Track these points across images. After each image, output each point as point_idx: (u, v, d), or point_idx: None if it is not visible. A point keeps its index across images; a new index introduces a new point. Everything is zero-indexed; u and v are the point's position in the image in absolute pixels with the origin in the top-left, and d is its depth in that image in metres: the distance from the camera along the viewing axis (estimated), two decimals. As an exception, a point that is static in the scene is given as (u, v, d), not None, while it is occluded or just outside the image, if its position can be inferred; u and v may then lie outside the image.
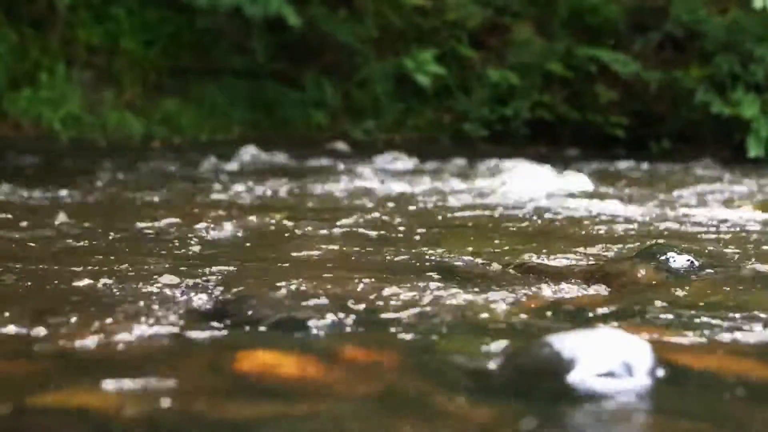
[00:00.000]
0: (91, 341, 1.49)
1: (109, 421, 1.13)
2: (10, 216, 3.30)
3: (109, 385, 1.25)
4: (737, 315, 1.71)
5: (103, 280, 1.97)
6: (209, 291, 1.83)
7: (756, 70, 8.45)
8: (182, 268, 2.15)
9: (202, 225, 2.99)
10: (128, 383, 1.27)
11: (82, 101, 8.23)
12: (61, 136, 7.85)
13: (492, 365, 1.34)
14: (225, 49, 9.35)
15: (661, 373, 1.29)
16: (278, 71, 9.34)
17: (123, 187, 4.59)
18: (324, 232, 2.95)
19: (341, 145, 8.40)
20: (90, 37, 8.62)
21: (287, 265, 2.29)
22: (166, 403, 1.19)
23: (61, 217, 3.19)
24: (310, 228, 3.05)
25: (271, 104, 9.41)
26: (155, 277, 2.00)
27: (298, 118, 9.46)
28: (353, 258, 2.42)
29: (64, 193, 4.21)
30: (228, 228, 2.98)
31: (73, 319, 1.61)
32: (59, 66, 8.29)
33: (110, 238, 2.75)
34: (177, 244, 2.62)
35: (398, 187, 4.83)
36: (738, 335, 1.58)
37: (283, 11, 8.17)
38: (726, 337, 1.57)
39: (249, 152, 7.02)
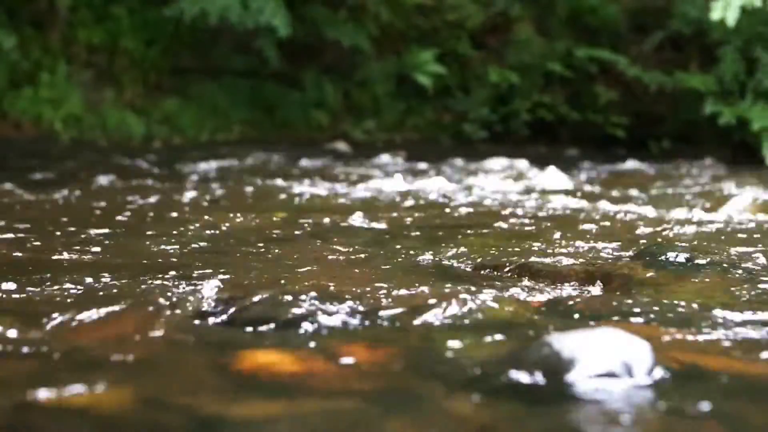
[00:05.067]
0: (91, 340, 1.49)
1: (109, 420, 1.13)
2: (12, 215, 3.30)
3: (109, 384, 1.25)
4: (737, 314, 1.71)
5: (103, 280, 1.97)
6: (209, 291, 1.83)
7: (763, 78, 8.40)
8: (182, 268, 2.15)
9: (201, 225, 2.99)
10: (129, 382, 1.27)
11: (82, 101, 8.23)
12: (61, 136, 7.86)
13: (492, 365, 1.34)
14: (225, 49, 9.35)
15: (660, 372, 1.29)
16: (278, 71, 9.34)
17: (122, 187, 4.59)
18: (323, 232, 2.95)
19: (341, 145, 8.40)
20: (90, 37, 8.63)
21: (287, 264, 2.29)
22: (166, 402, 1.19)
23: (61, 217, 3.19)
24: (309, 228, 3.05)
25: (271, 104, 9.41)
26: (155, 276, 2.01)
27: (298, 118, 9.46)
28: (353, 258, 2.42)
29: (63, 192, 4.21)
30: (227, 227, 2.98)
31: (74, 319, 1.61)
32: (60, 66, 8.29)
33: (110, 238, 2.76)
34: (177, 243, 2.62)
35: (398, 187, 4.83)
36: (738, 335, 1.59)
37: (274, 22, 8.11)
38: (726, 336, 1.58)
39: (249, 152, 7.02)
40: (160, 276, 2.01)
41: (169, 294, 1.82)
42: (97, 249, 2.52)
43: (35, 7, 8.42)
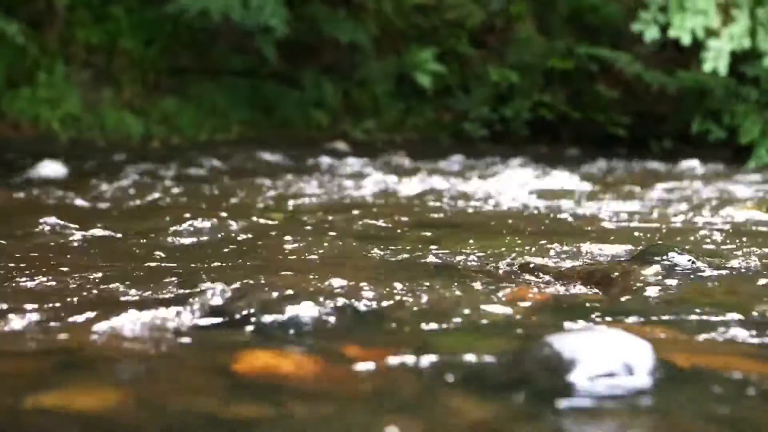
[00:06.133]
0: (90, 341, 1.48)
1: (108, 420, 1.12)
2: (9, 216, 3.30)
3: (108, 384, 1.25)
4: (737, 315, 1.71)
5: (102, 280, 1.97)
6: (208, 291, 1.82)
7: (750, 91, 8.44)
8: (182, 268, 2.15)
9: (201, 225, 2.99)
10: (128, 383, 1.27)
11: (80, 101, 8.23)
12: (59, 136, 7.86)
13: (492, 365, 1.34)
14: (224, 49, 9.35)
15: (661, 373, 1.28)
16: (277, 71, 9.34)
17: (121, 188, 4.59)
18: (323, 231, 2.95)
19: (341, 145, 8.41)
20: (89, 37, 8.63)
21: (287, 264, 2.29)
22: (165, 402, 1.18)
23: (61, 217, 3.19)
24: (309, 228, 3.05)
25: (270, 104, 9.41)
26: (155, 276, 2.00)
27: (298, 118, 9.46)
28: (353, 257, 2.42)
29: (62, 193, 4.21)
30: (228, 228, 2.98)
31: (72, 319, 1.60)
32: (58, 66, 8.29)
33: (109, 238, 2.75)
34: (176, 243, 2.62)
35: (398, 186, 4.83)
36: (738, 335, 1.58)
37: (272, 22, 8.15)
38: (726, 336, 1.57)
39: (248, 152, 7.02)
40: (158, 276, 2.00)
41: (168, 294, 1.82)
42: (95, 249, 2.52)
43: (33, 6, 8.42)
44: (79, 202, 3.92)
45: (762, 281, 2.05)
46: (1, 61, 7.97)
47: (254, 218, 3.24)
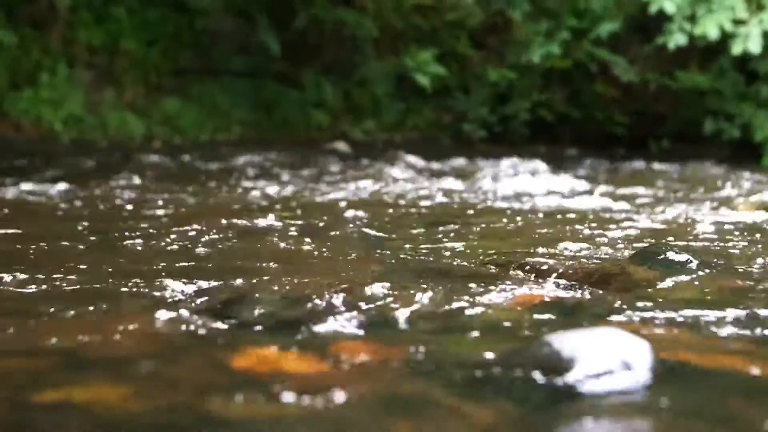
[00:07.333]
0: (92, 339, 1.49)
1: (110, 417, 1.13)
2: (12, 215, 3.30)
3: (110, 382, 1.26)
4: (736, 314, 1.71)
5: (104, 280, 1.98)
6: (209, 290, 1.83)
7: (761, 87, 8.41)
8: (183, 268, 2.16)
9: (202, 225, 2.99)
10: (129, 380, 1.27)
11: (83, 102, 8.23)
12: (61, 137, 7.85)
13: (492, 364, 1.35)
14: (225, 50, 9.35)
15: (660, 371, 1.29)
16: (278, 71, 9.34)
17: (123, 188, 4.59)
18: (323, 231, 2.95)
19: (341, 145, 8.40)
20: (91, 38, 8.62)
21: (287, 264, 2.30)
22: (166, 400, 1.19)
23: (63, 217, 3.20)
24: (309, 228, 3.06)
25: (271, 104, 9.41)
26: (156, 276, 2.01)
27: (298, 119, 9.46)
28: (353, 258, 2.43)
29: (65, 193, 4.22)
30: (229, 228, 2.99)
31: (75, 317, 1.61)
32: (60, 66, 8.28)
33: (111, 238, 2.76)
34: (178, 243, 2.62)
35: (397, 187, 4.83)
36: (737, 334, 1.59)
37: None
38: (725, 335, 1.58)
39: (249, 152, 7.02)
40: (159, 276, 2.01)
41: (169, 293, 1.82)
42: (97, 249, 2.52)
43: (35, 7, 8.42)
44: (79, 202, 3.93)
45: (760, 280, 2.06)
46: (3, 62, 7.97)
47: (255, 218, 3.25)
